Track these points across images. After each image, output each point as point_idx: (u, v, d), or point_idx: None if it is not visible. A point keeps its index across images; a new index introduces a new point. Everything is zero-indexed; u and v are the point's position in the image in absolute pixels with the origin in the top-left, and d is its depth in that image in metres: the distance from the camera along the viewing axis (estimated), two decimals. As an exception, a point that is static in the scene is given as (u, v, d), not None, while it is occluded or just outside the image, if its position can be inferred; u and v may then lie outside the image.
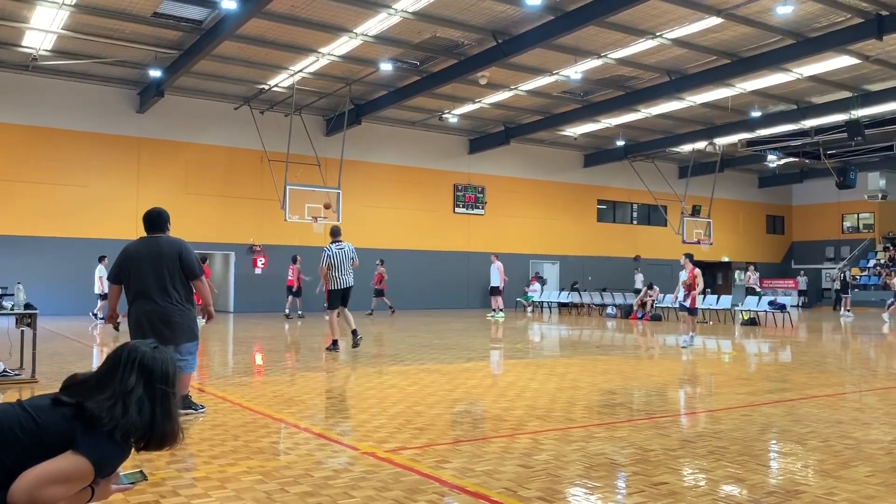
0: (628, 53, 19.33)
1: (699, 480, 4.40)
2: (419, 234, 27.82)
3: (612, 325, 20.58)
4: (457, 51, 19.27)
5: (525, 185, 30.91)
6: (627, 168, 31.65)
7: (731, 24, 17.27)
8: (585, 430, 5.78)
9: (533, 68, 20.61)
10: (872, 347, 14.32)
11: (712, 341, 15.32)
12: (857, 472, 4.54)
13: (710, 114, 25.53)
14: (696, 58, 19.74)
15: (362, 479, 4.28)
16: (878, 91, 22.22)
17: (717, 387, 8.66)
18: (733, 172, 35.73)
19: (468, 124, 27.63)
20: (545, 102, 24.56)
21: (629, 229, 34.60)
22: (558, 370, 9.67)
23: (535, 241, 31.01)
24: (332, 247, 11.58)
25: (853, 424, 6.10)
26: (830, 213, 39.38)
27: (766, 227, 40.12)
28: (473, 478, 4.35)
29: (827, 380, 9.09)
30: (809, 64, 19.92)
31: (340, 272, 11.46)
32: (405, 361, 10.46)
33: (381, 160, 27.20)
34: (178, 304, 6.05)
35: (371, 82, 22.19)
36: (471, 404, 7.02)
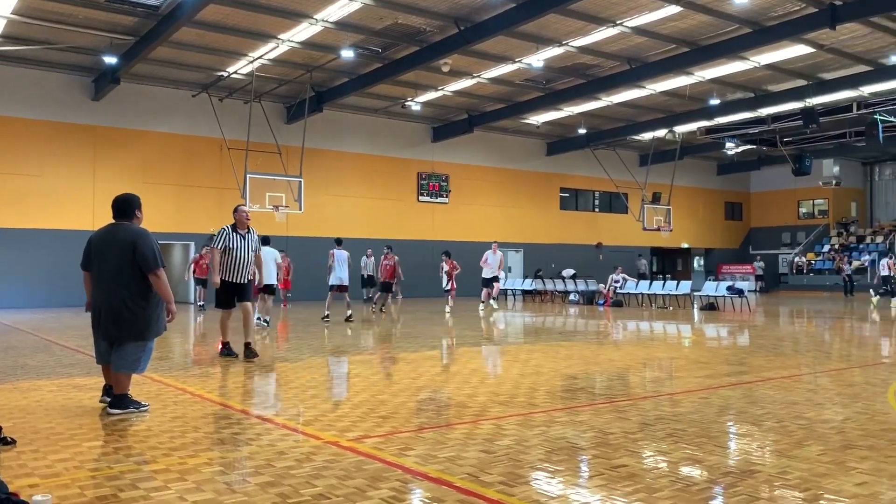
0: (589, 41, 19.44)
1: (658, 462, 4.47)
2: (383, 223, 27.71)
3: (574, 312, 20.79)
4: (419, 38, 19.17)
5: (489, 173, 30.98)
6: (589, 156, 31.91)
7: (689, 13, 17.46)
8: (547, 415, 5.84)
9: (495, 56, 20.62)
10: (827, 331, 14.69)
11: (672, 326, 15.56)
12: (809, 452, 4.66)
13: (670, 102, 25.83)
14: (656, 46, 19.94)
15: (325, 468, 4.27)
16: (832, 80, 22.70)
17: (677, 371, 8.81)
18: (692, 160, 36.25)
19: (431, 112, 27.56)
20: (508, 90, 24.60)
21: (591, 217, 34.92)
22: (521, 357, 9.74)
23: (499, 229, 31.09)
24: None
25: (807, 405, 6.26)
26: (787, 199, 40.22)
27: (724, 213, 40.82)
28: (436, 464, 4.37)
29: (783, 362, 9.30)
30: (766, 52, 20.26)
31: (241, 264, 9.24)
32: (369, 350, 10.43)
33: (344, 148, 27.00)
34: (129, 299, 5.75)
35: (332, 69, 21.99)
36: (434, 392, 7.04)
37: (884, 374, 8.19)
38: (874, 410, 6.03)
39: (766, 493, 3.82)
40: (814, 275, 36.70)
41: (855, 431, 5.25)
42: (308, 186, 23.12)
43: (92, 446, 4.89)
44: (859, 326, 15.88)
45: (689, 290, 23.41)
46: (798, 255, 38.32)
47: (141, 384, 7.16)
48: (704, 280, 29.74)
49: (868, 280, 33.57)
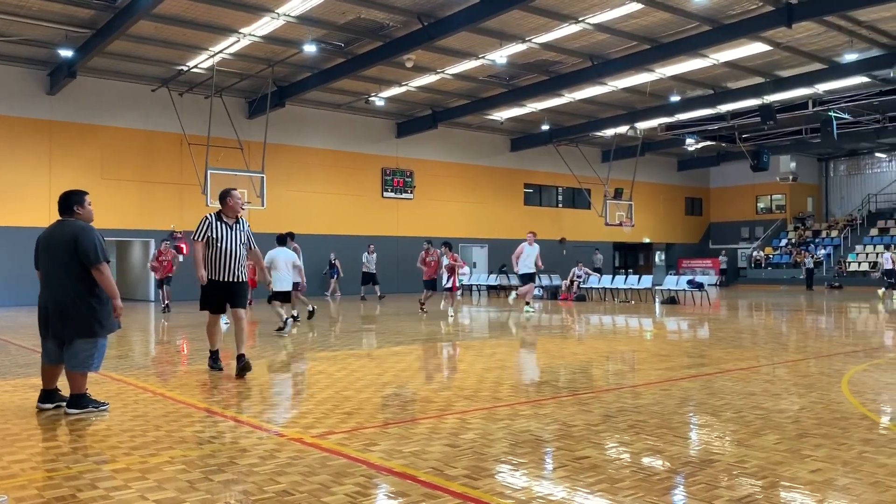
0: (552, 38, 19.56)
1: (620, 453, 4.54)
2: (347, 219, 27.58)
3: (538, 307, 20.93)
4: (382, 33, 19.10)
5: (453, 169, 31.01)
6: (553, 152, 32.12)
7: (650, 10, 17.67)
8: (511, 409, 5.88)
9: (459, 52, 20.64)
10: (784, 323, 15.02)
11: (634, 320, 15.77)
12: (766, 441, 4.77)
13: (632, 98, 26.12)
14: (618, 43, 20.14)
15: (288, 465, 4.24)
16: (789, 77, 23.18)
17: (638, 363, 8.93)
18: (654, 156, 36.71)
19: (395, 108, 27.48)
20: (472, 86, 24.64)
21: (555, 212, 35.17)
22: (486, 351, 9.79)
23: (463, 224, 31.18)
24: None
25: (764, 396, 6.40)
26: (745, 194, 40.99)
27: (684, 208, 41.43)
28: (401, 459, 4.37)
29: (741, 354, 9.49)
30: (725, 50, 20.60)
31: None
32: (333, 347, 10.39)
33: (307, 143, 26.78)
34: (76, 296, 5.65)
35: (294, 64, 21.79)
36: (399, 387, 7.04)
37: (838, 364, 8.41)
38: (828, 400, 6.19)
39: (725, 481, 3.90)
40: (771, 269, 37.48)
41: (810, 420, 5.38)
42: (270, 182, 22.88)
43: (49, 446, 4.79)
44: (816, 319, 16.26)
45: (651, 285, 23.74)
46: (756, 249, 39.09)
47: (100, 383, 7.03)
48: (665, 274, 30.19)
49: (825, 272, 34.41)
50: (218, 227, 7.66)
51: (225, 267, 7.64)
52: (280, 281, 12.13)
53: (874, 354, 9.30)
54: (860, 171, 40.23)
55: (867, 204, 38.90)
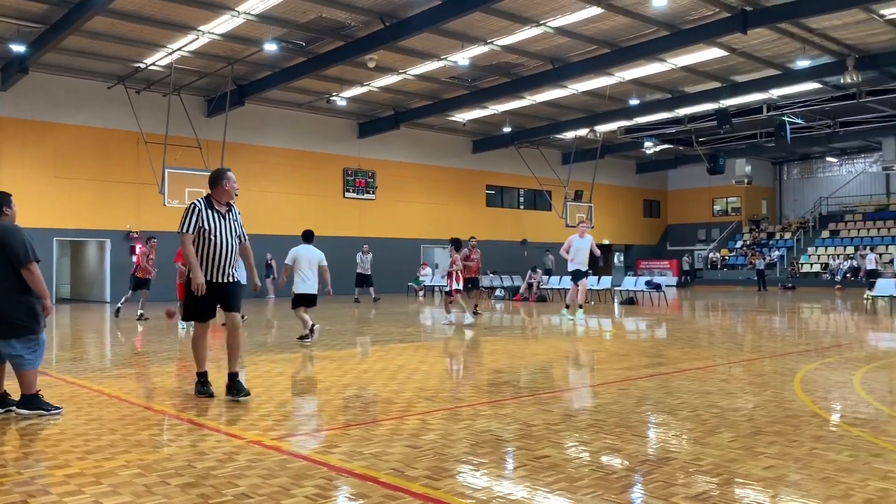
0: (513, 41, 19.69)
1: (579, 452, 4.59)
2: (308, 219, 27.24)
3: (500, 307, 21.04)
4: (344, 32, 19.01)
5: (415, 170, 31.00)
6: (514, 154, 32.33)
7: (610, 15, 17.89)
8: (473, 409, 5.90)
9: (421, 53, 20.64)
10: (739, 323, 15.34)
11: (594, 320, 15.94)
12: (721, 439, 4.87)
13: (592, 102, 26.41)
14: (578, 47, 20.35)
15: (248, 468, 4.20)
16: (744, 82, 23.68)
17: (598, 363, 9.04)
18: (613, 159, 37.18)
19: (357, 108, 27.37)
20: (434, 87, 24.67)
21: (517, 214, 35.39)
22: (448, 352, 9.79)
23: (426, 225, 31.18)
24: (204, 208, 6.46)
25: (719, 395, 6.53)
26: (702, 197, 41.75)
27: (643, 210, 42.04)
28: (361, 461, 4.36)
29: (698, 354, 9.66)
30: (683, 55, 20.96)
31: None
32: (293, 349, 10.30)
33: (267, 143, 26.51)
34: (8, 295, 5.55)
35: (255, 62, 21.56)
36: (360, 389, 7.01)
37: (791, 363, 8.62)
38: (782, 398, 6.34)
39: (682, 479, 3.97)
40: (727, 270, 38.22)
41: (763, 418, 5.51)
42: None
43: (-1, 452, 4.67)
44: (770, 319, 16.63)
45: (610, 285, 24.03)
46: (712, 250, 39.84)
47: (54, 386, 6.88)
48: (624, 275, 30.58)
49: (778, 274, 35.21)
50: (210, 216, 6.35)
51: (219, 264, 6.37)
52: (304, 282, 10.74)
53: (825, 354, 9.55)
54: (812, 174, 41.27)
55: (819, 207, 39.91)
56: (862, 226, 37.21)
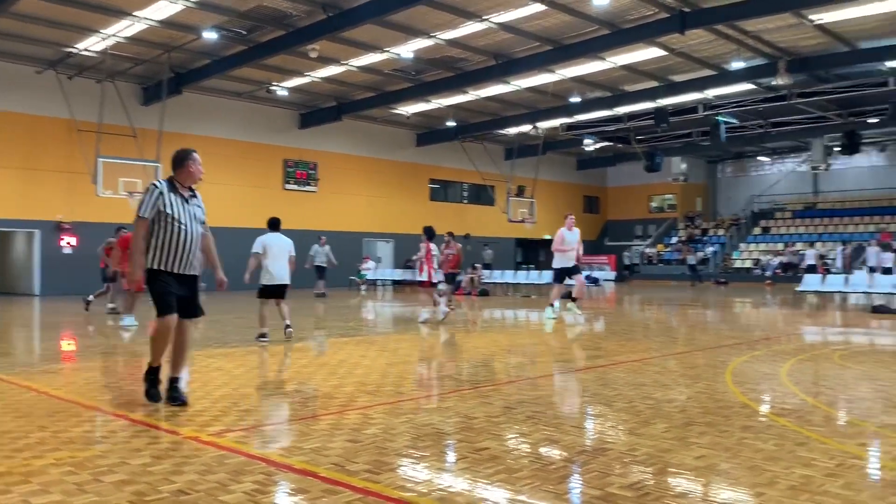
0: (457, 35, 19.73)
1: (519, 444, 4.66)
2: (247, 211, 26.88)
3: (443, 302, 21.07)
4: (285, 21, 18.73)
5: (358, 162, 30.79)
6: (458, 148, 32.43)
7: (552, 12, 18.09)
8: (414, 403, 5.92)
9: (365, 44, 20.49)
10: (674, 317, 15.75)
11: (535, 314, 16.15)
12: (655, 429, 5.01)
13: (534, 98, 26.68)
14: (521, 43, 20.52)
15: (184, 464, 4.13)
16: (681, 82, 24.26)
17: (538, 356, 9.16)
18: (554, 155, 37.65)
19: (298, 98, 27.01)
20: (377, 79, 24.53)
21: (460, 208, 35.52)
22: (390, 346, 9.79)
23: (368, 219, 31.02)
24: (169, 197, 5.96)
25: (654, 386, 6.70)
26: (639, 194, 42.67)
27: (583, 206, 42.72)
28: (301, 455, 4.33)
29: (634, 347, 9.89)
30: (622, 54, 21.35)
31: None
32: (231, 343, 10.14)
33: (206, 132, 25.93)
34: None
35: (193, 50, 21.06)
36: (300, 384, 6.95)
37: (723, 356, 8.90)
38: (713, 390, 6.55)
39: (617, 469, 4.07)
40: (663, 265, 39.18)
41: (696, 409, 5.68)
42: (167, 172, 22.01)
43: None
44: (703, 313, 17.13)
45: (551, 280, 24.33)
46: (649, 246, 40.77)
47: (-23, 383, 6.61)
48: (565, 270, 30.99)
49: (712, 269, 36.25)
50: (173, 200, 5.75)
51: (183, 253, 5.72)
52: (275, 272, 10.06)
53: (755, 347, 9.89)
54: (745, 173, 42.61)
55: (751, 204, 41.24)
56: (791, 223, 38.63)
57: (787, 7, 17.11)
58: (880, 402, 6.04)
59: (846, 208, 37.72)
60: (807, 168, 36.76)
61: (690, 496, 3.64)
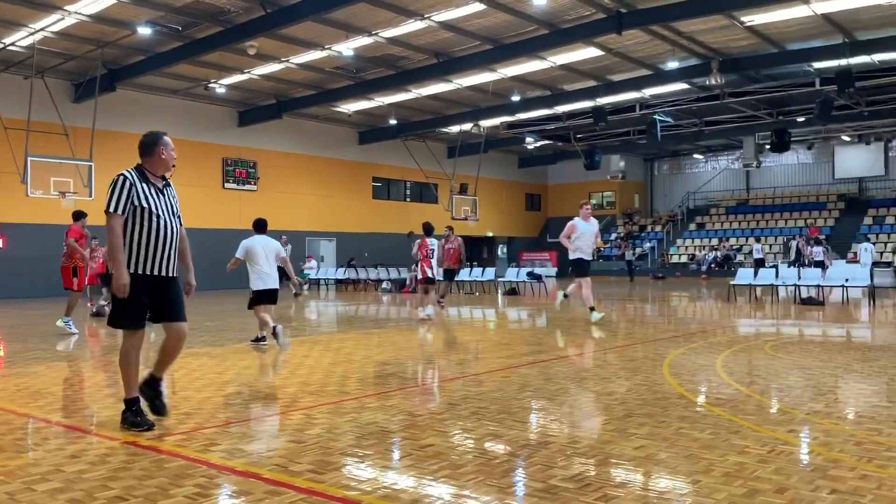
0: (398, 33, 19.69)
1: (463, 440, 4.69)
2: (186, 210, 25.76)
3: (387, 300, 21.06)
4: (222, 17, 18.38)
5: (299, 160, 30.44)
6: (401, 146, 32.38)
7: (493, 11, 18.22)
8: (358, 402, 5.90)
9: (304, 41, 20.27)
10: (614, 312, 16.06)
11: (478, 310, 16.26)
12: (596, 422, 5.11)
13: (476, 97, 26.82)
14: (462, 42, 20.61)
15: (122, 470, 4.03)
16: (619, 81, 24.73)
17: (481, 352, 9.24)
18: (496, 153, 37.92)
19: (237, 96, 26.55)
20: (318, 77, 24.29)
21: (403, 206, 35.47)
22: (333, 345, 9.72)
23: (310, 218, 30.70)
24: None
25: (595, 380, 6.84)
26: (580, 191, 43.20)
27: (525, 204, 43.17)
28: (243, 458, 4.27)
29: (575, 341, 10.06)
30: (561, 53, 21.64)
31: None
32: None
33: (141, 130, 24.51)
34: None
35: (127, 46, 20.48)
36: (242, 385, 6.85)
37: (661, 349, 9.13)
38: (652, 382, 6.71)
39: (560, 461, 4.14)
40: (603, 261, 39.88)
41: (635, 401, 5.81)
42: (100, 171, 21.32)
43: None
44: (641, 307, 17.52)
45: (494, 276, 24.56)
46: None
47: None
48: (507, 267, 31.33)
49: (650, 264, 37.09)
50: (145, 191, 5.06)
51: (164, 252, 5.04)
52: (261, 278, 9.62)
53: (691, 339, 10.17)
54: (681, 170, 43.72)
55: (686, 201, 42.33)
56: (725, 219, 39.81)
57: (719, 9, 17.62)
58: (809, 390, 6.29)
59: (776, 204, 39.09)
60: (739, 165, 37.88)
61: (630, 486, 3.73)
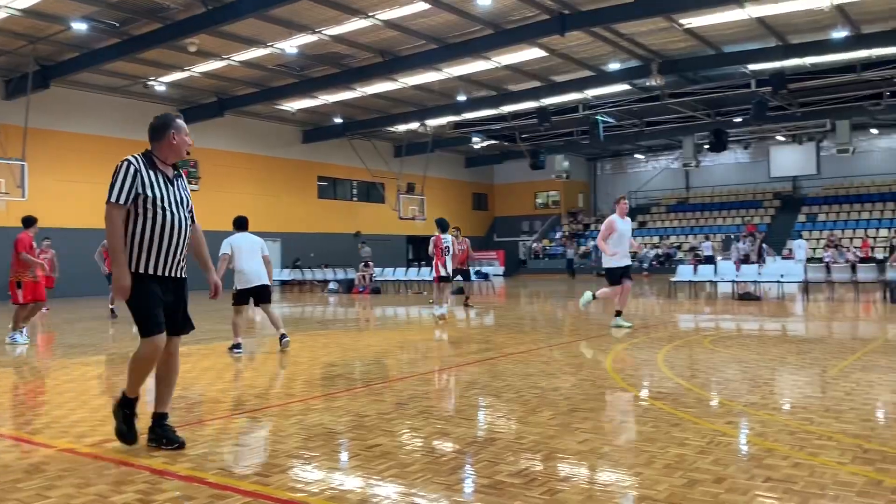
0: (343, 31, 19.57)
1: (410, 439, 4.70)
2: (125, 211, 25.63)
3: (334, 301, 20.91)
4: (161, 14, 17.98)
5: (242, 159, 29.97)
6: (347, 145, 32.17)
7: (437, 11, 18.27)
8: (304, 404, 5.85)
9: (247, 39, 19.97)
10: (560, 309, 16.29)
11: (427, 310, 16.27)
12: (541, 417, 5.18)
13: (422, 96, 26.84)
14: (408, 41, 20.60)
15: (59, 478, 3.91)
16: (562, 82, 25.07)
17: (429, 351, 9.26)
18: (443, 153, 38.03)
19: (177, 93, 25.99)
20: (261, 75, 23.96)
21: (350, 206, 35.26)
22: (278, 347, 9.61)
23: (254, 218, 29.90)
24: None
25: (540, 376, 6.92)
26: (525, 191, 43.79)
27: (472, 203, 43.39)
28: (187, 462, 4.20)
29: (521, 339, 10.16)
30: (506, 54, 21.83)
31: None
32: (108, 351, 9.67)
33: (77, 129, 24.51)
34: None
35: (61, 42, 19.85)
36: (184, 389, 6.71)
37: (605, 344, 9.30)
38: (595, 377, 6.83)
39: (506, 457, 4.19)
40: (549, 259, 40.40)
41: (579, 396, 5.91)
42: (34, 171, 20.71)
43: None
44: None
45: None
46: (535, 241, 41.93)
47: None
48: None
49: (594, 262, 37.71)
50: (154, 180, 4.49)
51: (169, 250, 4.51)
52: (249, 273, 9.24)
53: (634, 335, 10.37)
54: (623, 170, 44.55)
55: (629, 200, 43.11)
56: (666, 217, 40.73)
57: (658, 11, 18.02)
58: (746, 382, 6.49)
59: (715, 202, 40.16)
60: (679, 165, 38.80)
61: (574, 479, 3.79)
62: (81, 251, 21.66)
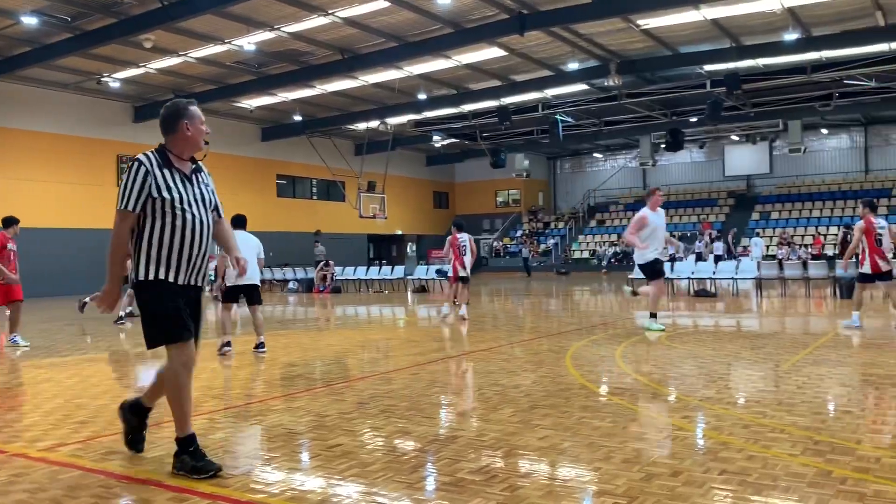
0: (301, 28, 19.39)
1: (371, 438, 4.69)
2: (77, 209, 25.07)
3: (293, 300, 20.74)
4: (115, 9, 17.59)
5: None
6: (306, 143, 31.88)
7: (397, 9, 18.21)
8: (264, 405, 5.80)
9: (204, 35, 19.66)
10: (521, 307, 16.39)
11: (388, 309, 16.25)
12: (502, 414, 5.21)
13: (382, 94, 26.73)
14: (367, 39, 20.50)
15: (11, 483, 3.82)
16: (522, 81, 25.20)
17: (391, 350, 9.25)
18: (404, 151, 37.94)
19: (133, 90, 25.47)
20: (218, 72, 23.62)
21: (309, 204, 34.98)
22: (237, 348, 9.49)
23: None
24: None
25: (501, 373, 6.97)
26: (486, 189, 43.94)
27: (433, 202, 43.40)
28: (144, 465, 4.13)
29: (483, 336, 10.21)
30: (466, 53, 21.86)
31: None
32: (62, 352, 9.45)
33: (28, 126, 23.86)
34: None
35: (10, 36, 19.29)
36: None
37: (564, 341, 9.39)
38: (555, 374, 6.90)
39: (467, 455, 4.21)
40: (509, 257, 40.61)
41: (539, 393, 5.97)
42: (-18, 169, 20.10)
43: None
44: (546, 302, 17.94)
45: (403, 275, 24.59)
46: (496, 239, 42.12)
47: None
48: (416, 264, 31.43)
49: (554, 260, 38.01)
50: (169, 179, 4.03)
51: (198, 255, 4.11)
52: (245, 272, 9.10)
53: (593, 332, 10.50)
54: (582, 168, 45.00)
55: (587, 198, 43.61)
56: (624, 216, 41.19)
57: (616, 12, 18.22)
58: (702, 378, 6.62)
59: (671, 201, 40.77)
60: (636, 164, 39.29)
61: (535, 475, 3.83)
62: (34, 252, 21.11)
